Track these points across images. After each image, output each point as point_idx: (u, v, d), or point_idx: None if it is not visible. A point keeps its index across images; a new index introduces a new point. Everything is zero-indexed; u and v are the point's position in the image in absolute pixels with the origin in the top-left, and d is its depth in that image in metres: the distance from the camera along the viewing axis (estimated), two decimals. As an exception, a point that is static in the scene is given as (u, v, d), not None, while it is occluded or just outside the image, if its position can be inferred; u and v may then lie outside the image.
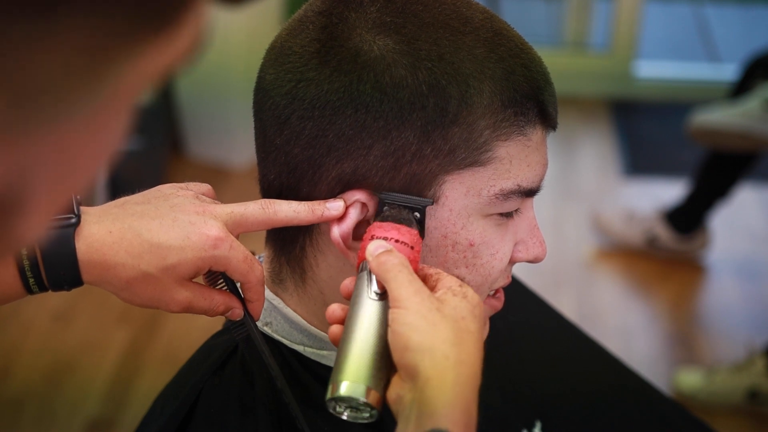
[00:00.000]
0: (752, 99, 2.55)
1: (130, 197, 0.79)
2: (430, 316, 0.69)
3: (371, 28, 0.76)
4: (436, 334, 0.68)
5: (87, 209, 0.75)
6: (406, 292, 0.70)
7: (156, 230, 0.75)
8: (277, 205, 0.79)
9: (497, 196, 0.79)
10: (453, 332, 0.68)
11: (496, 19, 0.80)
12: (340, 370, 0.70)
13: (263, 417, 0.85)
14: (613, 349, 1.18)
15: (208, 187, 0.83)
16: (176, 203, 0.77)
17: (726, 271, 2.83)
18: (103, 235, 0.74)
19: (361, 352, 0.71)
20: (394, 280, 0.72)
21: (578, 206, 3.09)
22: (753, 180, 2.98)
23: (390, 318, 0.70)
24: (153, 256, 0.74)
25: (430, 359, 0.67)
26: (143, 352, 2.44)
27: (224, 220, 0.77)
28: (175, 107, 3.22)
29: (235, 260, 0.77)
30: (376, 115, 0.75)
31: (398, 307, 0.70)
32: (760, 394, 2.30)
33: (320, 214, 0.78)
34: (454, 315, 0.70)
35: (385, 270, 0.73)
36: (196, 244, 0.75)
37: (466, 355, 0.68)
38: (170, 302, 0.77)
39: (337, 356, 0.72)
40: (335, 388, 0.70)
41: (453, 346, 0.68)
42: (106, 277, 0.74)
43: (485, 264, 0.81)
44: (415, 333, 0.68)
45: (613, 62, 3.73)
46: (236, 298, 0.81)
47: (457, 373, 0.67)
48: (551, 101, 0.80)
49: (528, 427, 1.00)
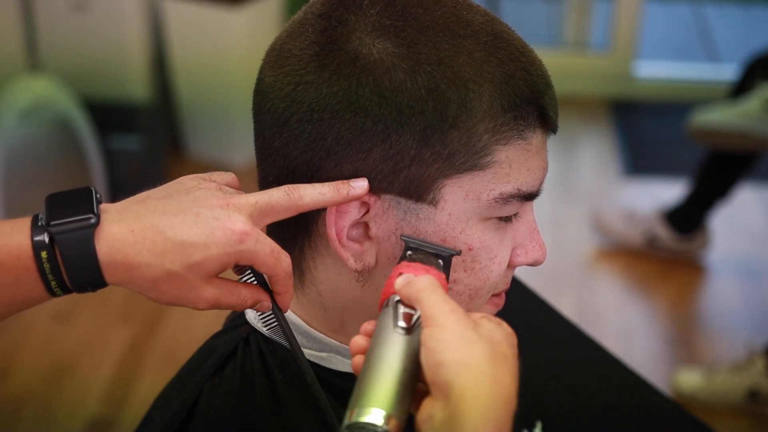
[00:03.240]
0: (752, 99, 2.55)
1: (152, 192, 0.76)
2: (466, 334, 0.67)
3: (370, 32, 0.76)
4: (472, 350, 0.66)
5: (107, 207, 0.73)
6: (441, 310, 0.69)
7: (179, 227, 0.72)
8: (302, 189, 0.77)
9: (497, 200, 0.78)
10: (489, 352, 0.67)
11: (497, 22, 0.80)
12: (361, 397, 0.68)
13: (264, 417, 0.85)
14: (613, 349, 1.18)
15: (232, 176, 0.81)
16: (199, 196, 0.75)
17: (726, 271, 2.83)
18: (125, 235, 0.71)
19: (383, 381, 0.68)
20: (428, 299, 0.70)
21: (578, 206, 3.09)
22: (753, 180, 2.98)
23: (424, 337, 0.68)
24: (177, 255, 0.72)
25: (466, 375, 0.65)
26: (143, 352, 2.45)
27: (249, 212, 0.74)
28: (175, 107, 3.22)
29: (262, 254, 0.74)
30: (375, 119, 0.75)
31: (433, 326, 0.68)
32: (760, 394, 2.30)
33: (346, 193, 0.76)
34: (491, 337, 0.68)
35: (418, 290, 0.71)
36: (221, 240, 0.72)
37: (502, 375, 0.66)
38: (197, 300, 0.74)
39: (357, 385, 0.69)
40: (354, 414, 0.67)
41: (489, 365, 0.66)
42: (130, 278, 0.72)
43: (484, 268, 0.81)
44: (451, 349, 0.67)
45: (613, 62, 3.73)
46: (264, 291, 0.79)
47: (492, 391, 0.65)
48: (551, 105, 0.80)
49: (528, 427, 1.00)
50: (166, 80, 3.17)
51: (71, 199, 0.72)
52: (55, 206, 0.72)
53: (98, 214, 0.71)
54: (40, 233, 0.70)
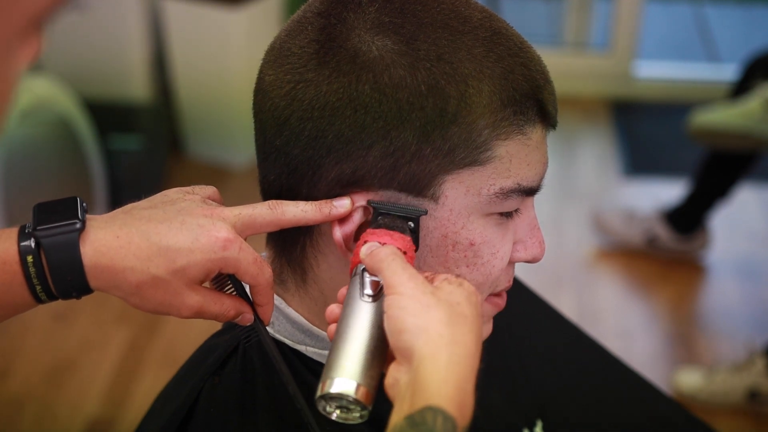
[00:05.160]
0: (752, 99, 2.55)
1: (137, 203, 0.78)
2: (424, 299, 0.70)
3: (370, 29, 0.76)
4: (430, 315, 0.69)
5: (93, 216, 0.75)
6: (400, 278, 0.71)
7: (164, 233, 0.74)
8: (284, 205, 0.79)
9: (497, 195, 0.79)
10: (447, 314, 0.69)
11: (495, 18, 0.80)
12: (330, 368, 0.70)
13: (264, 417, 0.85)
14: (613, 349, 1.18)
15: (214, 190, 0.83)
16: (183, 207, 0.77)
17: (726, 271, 2.83)
18: (110, 240, 0.73)
19: (352, 350, 0.71)
20: (388, 268, 0.72)
21: (578, 206, 3.09)
22: (753, 180, 2.98)
23: (386, 305, 0.71)
24: (162, 259, 0.74)
25: (425, 339, 0.68)
26: (143, 352, 2.45)
27: (233, 223, 0.77)
28: (175, 107, 3.22)
29: (245, 262, 0.77)
30: (375, 116, 0.75)
31: (393, 293, 0.71)
32: (760, 394, 2.30)
33: (327, 212, 0.78)
34: (449, 299, 0.71)
35: (379, 260, 0.74)
36: (205, 246, 0.75)
37: (460, 335, 0.69)
38: (181, 307, 0.76)
39: (328, 356, 0.72)
40: (325, 386, 0.70)
41: (447, 327, 0.68)
42: (115, 282, 0.74)
43: (486, 263, 0.81)
44: (410, 315, 0.69)
45: (613, 62, 3.73)
46: (246, 303, 0.81)
47: (450, 352, 0.67)
48: (551, 100, 0.80)
49: (529, 426, 1.00)
50: (166, 80, 3.17)
51: (57, 207, 0.75)
52: (41, 213, 0.74)
53: (83, 220, 0.73)
54: (26, 239, 0.72)
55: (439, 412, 0.64)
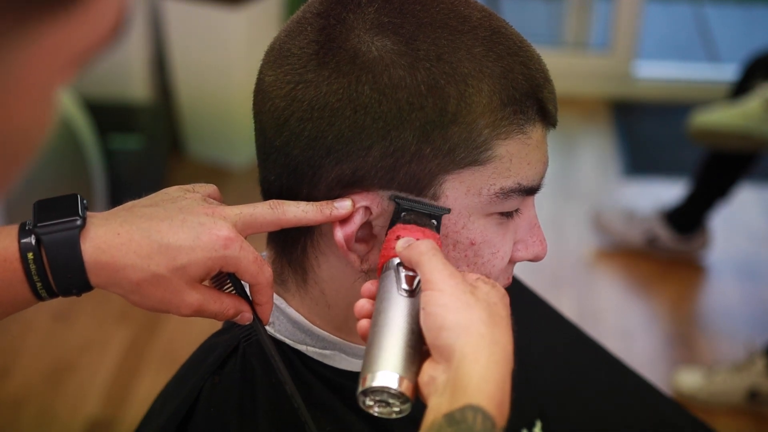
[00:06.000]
0: (752, 99, 2.55)
1: (138, 201, 0.78)
2: (464, 297, 0.70)
3: (369, 29, 0.76)
4: (471, 314, 0.69)
5: (93, 213, 0.75)
6: (440, 275, 0.71)
7: (165, 231, 0.74)
8: (285, 205, 0.79)
9: (497, 194, 0.79)
10: (487, 314, 0.69)
11: (495, 18, 0.80)
12: (373, 362, 0.70)
13: (263, 416, 0.85)
14: (613, 349, 1.18)
15: (214, 188, 0.83)
16: (184, 205, 0.77)
17: (726, 271, 2.83)
18: (111, 237, 0.73)
19: (392, 344, 0.70)
20: (429, 263, 0.72)
21: (578, 206, 3.09)
22: (753, 180, 2.98)
23: (423, 301, 0.71)
24: (163, 257, 0.74)
25: (466, 338, 0.68)
26: (143, 352, 2.45)
27: (233, 221, 0.77)
28: (175, 107, 3.22)
29: (245, 261, 0.77)
30: (375, 116, 0.75)
31: (433, 290, 0.71)
32: (760, 394, 2.30)
33: (328, 213, 0.78)
34: (487, 300, 0.71)
35: (419, 253, 0.73)
36: (206, 244, 0.75)
37: (499, 335, 0.69)
38: (181, 305, 0.76)
39: (367, 351, 0.71)
40: (367, 380, 0.69)
41: (487, 327, 0.68)
42: (115, 279, 0.74)
43: (486, 263, 0.82)
44: (451, 313, 0.69)
45: (613, 62, 3.73)
46: (245, 302, 0.81)
47: (491, 351, 0.67)
48: (551, 99, 0.80)
49: (528, 426, 1.00)
50: (166, 80, 3.17)
51: (58, 204, 0.74)
52: (42, 211, 0.74)
53: (84, 217, 0.73)
54: (27, 236, 0.72)
55: (480, 411, 0.65)
